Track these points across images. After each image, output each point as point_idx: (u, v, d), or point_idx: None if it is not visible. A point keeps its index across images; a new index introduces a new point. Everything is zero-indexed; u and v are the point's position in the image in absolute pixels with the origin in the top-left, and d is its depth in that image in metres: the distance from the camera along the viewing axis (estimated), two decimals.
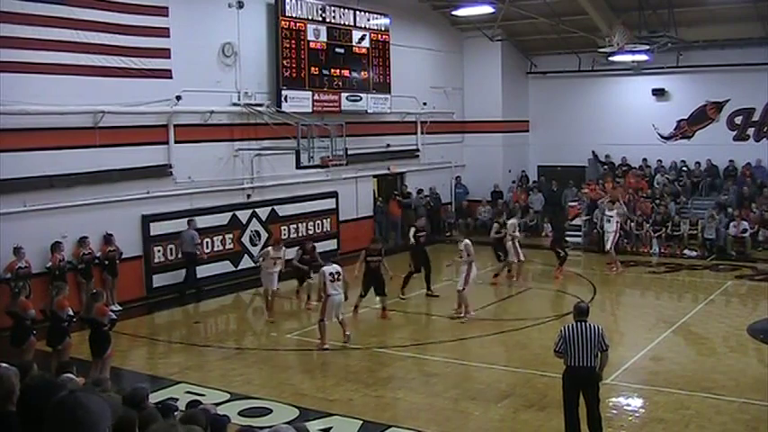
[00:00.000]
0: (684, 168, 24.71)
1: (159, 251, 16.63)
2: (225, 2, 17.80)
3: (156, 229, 16.54)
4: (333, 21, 20.16)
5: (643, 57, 22.88)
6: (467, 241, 14.56)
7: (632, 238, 21.69)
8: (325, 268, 12.80)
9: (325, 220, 20.87)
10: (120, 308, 14.92)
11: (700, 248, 20.85)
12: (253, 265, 18.51)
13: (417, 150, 24.35)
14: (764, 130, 23.82)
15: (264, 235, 18.99)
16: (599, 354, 8.17)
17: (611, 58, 23.45)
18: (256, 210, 18.86)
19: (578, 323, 8.25)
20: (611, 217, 19.03)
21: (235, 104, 18.08)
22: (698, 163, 24.49)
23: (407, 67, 23.06)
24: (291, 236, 19.75)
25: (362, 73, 21.14)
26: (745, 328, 13.31)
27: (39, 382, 3.81)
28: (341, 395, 10.38)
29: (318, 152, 17.53)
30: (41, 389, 3.49)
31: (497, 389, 10.63)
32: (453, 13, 22.36)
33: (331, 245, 20.66)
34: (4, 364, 4.14)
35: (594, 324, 8.32)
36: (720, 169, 24.25)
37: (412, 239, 16.50)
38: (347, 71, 20.64)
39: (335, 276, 12.56)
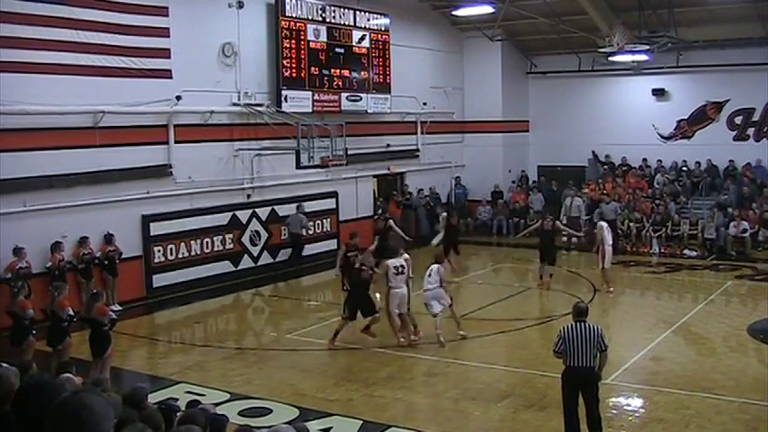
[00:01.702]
0: (684, 168, 24.69)
1: (159, 251, 16.64)
2: (225, 2, 17.79)
3: (156, 229, 16.54)
4: (333, 21, 20.15)
5: (643, 57, 22.87)
6: (406, 256, 12.92)
7: (632, 238, 21.70)
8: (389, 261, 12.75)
9: (325, 220, 20.88)
10: (120, 308, 14.91)
11: (700, 248, 20.83)
12: (253, 265, 18.57)
13: (417, 150, 24.34)
14: (764, 130, 23.81)
15: (265, 235, 19.00)
16: (598, 354, 8.18)
17: (611, 58, 23.44)
18: (256, 210, 18.85)
19: (577, 323, 8.27)
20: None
21: (235, 104, 18.08)
22: (698, 163, 24.49)
23: (407, 67, 23.05)
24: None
25: (362, 73, 21.13)
26: (745, 328, 13.31)
27: (37, 381, 3.80)
28: (341, 395, 10.38)
29: (318, 152, 17.53)
30: (39, 389, 3.48)
31: (497, 389, 10.63)
32: (453, 13, 22.35)
33: (331, 245, 20.67)
34: (4, 364, 4.14)
35: (593, 324, 8.34)
36: (720, 169, 24.23)
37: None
38: (347, 71, 20.63)
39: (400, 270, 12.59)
